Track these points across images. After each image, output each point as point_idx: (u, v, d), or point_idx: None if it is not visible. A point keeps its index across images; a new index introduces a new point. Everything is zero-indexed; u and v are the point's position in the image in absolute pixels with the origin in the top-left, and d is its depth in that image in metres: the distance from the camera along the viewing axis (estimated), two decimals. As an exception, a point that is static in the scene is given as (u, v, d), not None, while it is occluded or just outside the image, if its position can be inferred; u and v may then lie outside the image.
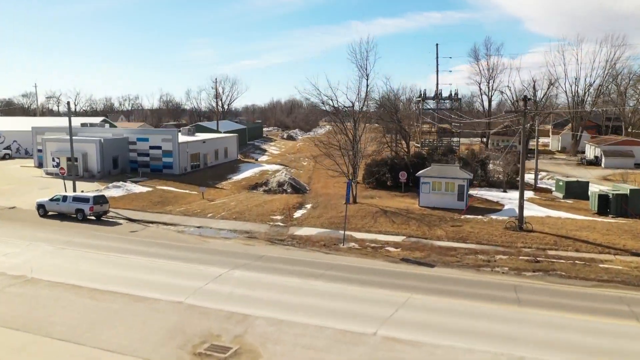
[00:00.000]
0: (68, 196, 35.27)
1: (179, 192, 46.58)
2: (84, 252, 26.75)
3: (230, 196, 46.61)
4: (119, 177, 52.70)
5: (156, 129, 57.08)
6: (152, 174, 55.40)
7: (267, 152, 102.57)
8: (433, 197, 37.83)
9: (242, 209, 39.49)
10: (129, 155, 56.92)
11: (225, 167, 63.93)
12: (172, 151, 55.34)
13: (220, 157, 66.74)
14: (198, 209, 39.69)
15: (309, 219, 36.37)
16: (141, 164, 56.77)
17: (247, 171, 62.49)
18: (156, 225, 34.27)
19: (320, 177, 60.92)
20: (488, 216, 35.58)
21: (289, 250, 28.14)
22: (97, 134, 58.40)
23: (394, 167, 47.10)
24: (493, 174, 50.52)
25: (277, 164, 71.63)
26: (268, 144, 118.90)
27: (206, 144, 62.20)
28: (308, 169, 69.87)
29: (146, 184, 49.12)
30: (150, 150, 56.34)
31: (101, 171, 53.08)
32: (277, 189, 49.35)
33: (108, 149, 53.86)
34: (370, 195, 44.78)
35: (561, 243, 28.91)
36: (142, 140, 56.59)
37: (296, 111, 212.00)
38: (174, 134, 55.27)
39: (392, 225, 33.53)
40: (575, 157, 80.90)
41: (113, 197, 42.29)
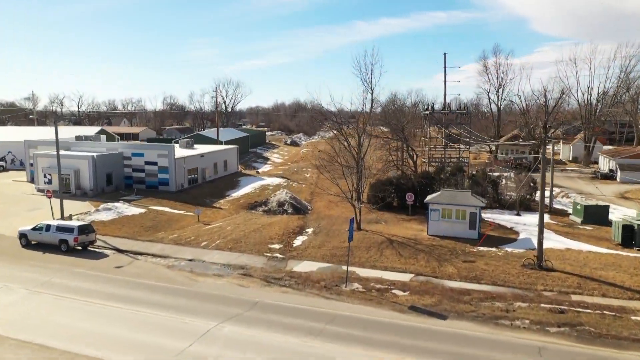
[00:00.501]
0: (51, 225, 32.98)
1: (173, 214, 44.21)
2: (62, 297, 24.39)
3: (228, 218, 44.22)
4: (113, 195, 50.49)
5: (152, 144, 54.74)
6: (148, 190, 53.12)
7: (269, 160, 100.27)
8: (443, 225, 35.27)
9: (238, 236, 37.08)
10: (123, 171, 54.64)
11: (224, 182, 61.56)
12: (168, 167, 53.02)
13: (220, 171, 64.38)
14: (192, 235, 37.31)
15: (309, 249, 33.89)
16: (136, 180, 54.52)
17: (247, 186, 60.07)
18: (145, 258, 31.90)
19: (323, 192, 58.44)
20: (503, 248, 32.96)
21: (286, 294, 25.65)
22: (91, 149, 56.18)
23: (400, 187, 44.55)
24: (505, 193, 47.80)
25: (279, 177, 69.18)
26: (271, 151, 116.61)
27: (205, 157, 59.86)
28: (310, 182, 67.35)
29: (140, 204, 46.82)
30: (145, 166, 54.05)
31: (94, 188, 50.83)
32: (277, 209, 46.92)
33: (101, 165, 51.61)
34: (375, 218, 42.23)
35: (586, 286, 26.27)
36: (137, 156, 54.31)
37: (300, 115, 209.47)
38: (170, 150, 52.94)
39: (399, 259, 30.99)
40: (589, 169, 77.95)
41: (103, 221, 40.03)
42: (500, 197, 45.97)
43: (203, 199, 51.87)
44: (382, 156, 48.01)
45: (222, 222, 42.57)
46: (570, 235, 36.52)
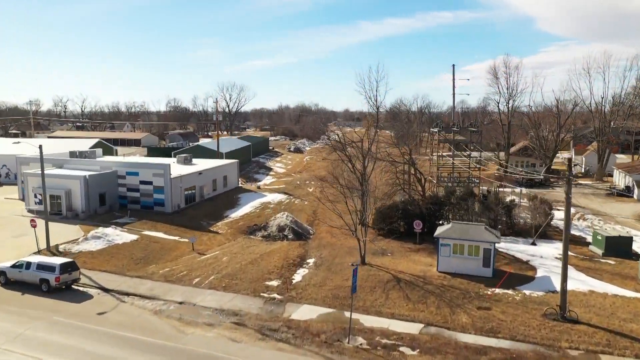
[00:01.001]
0: (32, 263, 30.64)
1: (167, 241, 41.79)
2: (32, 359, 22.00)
3: (224, 246, 41.76)
4: (105, 217, 48.21)
5: (147, 163, 52.41)
6: (142, 211, 50.80)
7: (271, 170, 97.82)
8: (454, 261, 32.63)
9: (234, 270, 34.61)
10: (117, 190, 52.35)
11: (223, 200, 59.12)
12: (164, 187, 50.67)
13: (219, 187, 61.98)
14: (184, 269, 34.87)
15: (309, 288, 31.37)
16: (131, 199, 52.22)
17: (247, 205, 57.60)
18: (132, 300, 29.47)
19: (325, 210, 55.91)
20: (520, 290, 30.25)
21: (282, 353, 23.12)
22: (84, 167, 53.95)
23: (407, 212, 41.94)
24: (518, 216, 45.05)
25: (280, 192, 66.69)
26: (273, 159, 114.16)
27: (203, 175, 57.47)
28: (313, 198, 64.76)
29: (133, 228, 44.48)
30: (140, 186, 51.73)
31: (86, 210, 48.58)
32: (277, 235, 44.43)
33: (94, 186, 49.35)
34: (381, 248, 39.60)
35: (616, 344, 23.57)
36: (132, 175, 51.98)
37: (304, 120, 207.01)
38: (165, 169, 50.56)
39: (407, 303, 28.39)
40: (603, 185, 74.92)
41: (91, 251, 37.69)
42: (514, 223, 43.21)
43: (199, 221, 49.48)
44: (389, 179, 45.38)
45: (218, 250, 40.11)
46: (592, 272, 33.75)
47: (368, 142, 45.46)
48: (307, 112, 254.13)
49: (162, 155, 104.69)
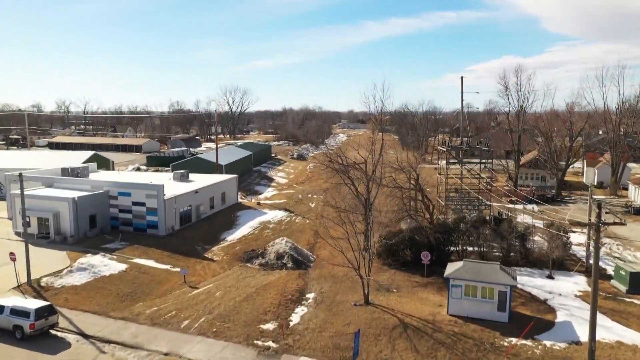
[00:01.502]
0: (5, 307, 28.15)
1: (157, 272, 39.21)
2: None
3: (219, 276, 39.14)
4: (95, 241, 45.82)
5: (139, 183, 49.85)
6: (135, 234, 48.34)
7: (273, 181, 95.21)
8: (466, 304, 29.86)
9: (227, 309, 32.03)
10: (109, 211, 49.89)
11: (220, 219, 56.49)
12: (157, 209, 48.14)
13: (217, 204, 59.41)
14: (173, 308, 32.30)
15: (308, 333, 28.71)
16: (123, 221, 49.75)
17: (246, 225, 54.95)
18: (112, 351, 26.90)
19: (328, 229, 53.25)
20: (539, 341, 27.42)
21: None
22: (75, 186, 51.57)
23: (414, 241, 39.18)
24: (533, 243, 42.12)
25: (281, 209, 64.05)
26: (276, 168, 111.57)
27: (200, 193, 54.89)
28: (316, 216, 62.09)
29: (122, 255, 41.99)
30: (133, 207, 49.24)
31: (75, 234, 46.16)
32: (275, 263, 41.79)
33: (84, 207, 46.92)
34: (386, 281, 36.82)
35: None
36: (124, 195, 49.51)
37: (307, 125, 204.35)
38: (159, 190, 48.02)
39: (415, 357, 25.66)
40: (618, 200, 71.74)
41: (75, 286, 35.20)
42: (529, 252, 40.33)
43: (194, 245, 46.91)
44: (394, 203, 42.64)
45: (212, 283, 37.50)
46: (617, 316, 30.84)
47: (372, 164, 42.86)
48: (311, 115, 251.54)
49: (162, 164, 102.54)
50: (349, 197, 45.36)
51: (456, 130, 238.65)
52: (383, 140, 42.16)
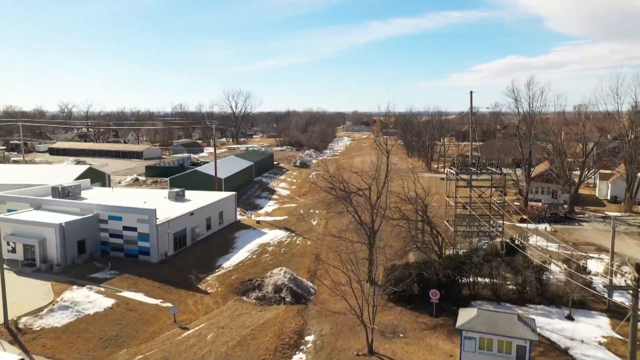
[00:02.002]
0: (-28, 363, 25.62)
1: (146, 308, 36.58)
2: None
3: (211, 314, 36.49)
4: (83, 270, 43.33)
5: (130, 207, 47.26)
6: (125, 261, 45.81)
7: (275, 193, 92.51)
8: (480, 358, 27.02)
9: (218, 357, 29.36)
10: (99, 235, 47.38)
11: (217, 242, 53.84)
12: (149, 235, 45.55)
13: (214, 225, 56.77)
14: (160, 356, 29.71)
15: (306, 391, 25.99)
16: (113, 246, 47.23)
17: (243, 249, 52.28)
18: (88, 415, 24.28)
19: (330, 252, 50.58)
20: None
21: None
22: (64, 208, 49.11)
23: (422, 277, 36.36)
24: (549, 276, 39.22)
25: (282, 228, 61.40)
26: (278, 178, 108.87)
27: (195, 215, 52.27)
28: (317, 236, 59.39)
29: (110, 287, 39.43)
30: (124, 232, 46.69)
31: (62, 261, 43.68)
32: (272, 297, 39.10)
33: (72, 234, 44.42)
34: (391, 323, 34.06)
35: None
36: (115, 219, 46.96)
37: (311, 129, 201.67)
38: (151, 215, 45.42)
39: None
40: (634, 217, 68.57)
41: (54, 328, 32.65)
42: (545, 289, 37.42)
43: (188, 274, 44.28)
44: (401, 232, 39.83)
45: (204, 322, 34.86)
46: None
47: (377, 191, 40.16)
48: (314, 118, 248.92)
49: (161, 174, 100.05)
50: (352, 225, 42.66)
51: (462, 135, 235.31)
52: (389, 166, 39.29)
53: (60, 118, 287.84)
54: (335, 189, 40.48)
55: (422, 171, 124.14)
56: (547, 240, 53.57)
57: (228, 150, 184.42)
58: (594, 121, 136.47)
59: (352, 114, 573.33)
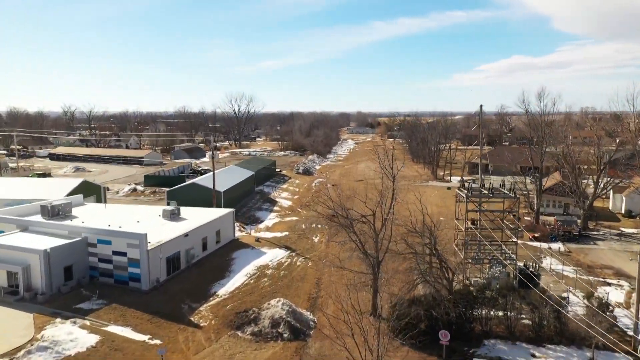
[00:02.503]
0: None
1: (132, 347, 33.94)
2: None
3: (203, 354, 33.82)
4: (69, 299, 40.80)
5: (120, 231, 44.72)
6: (115, 288, 43.30)
7: (276, 204, 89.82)
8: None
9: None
10: (88, 260, 44.86)
11: (213, 264, 51.20)
12: (140, 260, 42.96)
13: (210, 245, 54.16)
14: (143, 409, 27.03)
15: None
16: (103, 271, 44.70)
17: (240, 272, 49.62)
18: None
19: (331, 276, 47.90)
20: None
21: None
22: (51, 230, 46.67)
23: (431, 315, 33.55)
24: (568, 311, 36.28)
25: (282, 247, 58.74)
26: (280, 187, 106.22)
27: (190, 236, 49.66)
28: (319, 255, 56.69)
29: (97, 320, 36.87)
30: (113, 257, 44.14)
31: (47, 290, 41.17)
32: (269, 332, 36.42)
33: (58, 260, 41.92)
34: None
35: None
36: (104, 243, 44.42)
37: (314, 133, 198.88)
38: (141, 240, 42.81)
39: None
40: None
41: (31, 374, 30.04)
42: (564, 327, 34.50)
43: (180, 304, 41.64)
44: (409, 264, 37.05)
45: (194, 364, 32.22)
46: None
47: (382, 217, 37.40)
48: (318, 122, 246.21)
49: (159, 184, 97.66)
50: (355, 251, 39.88)
51: (468, 138, 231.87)
52: (395, 192, 36.50)
53: (63, 120, 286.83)
54: (337, 215, 37.69)
55: (428, 179, 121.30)
56: (562, 263, 50.65)
57: (230, 155, 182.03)
58: (603, 124, 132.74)
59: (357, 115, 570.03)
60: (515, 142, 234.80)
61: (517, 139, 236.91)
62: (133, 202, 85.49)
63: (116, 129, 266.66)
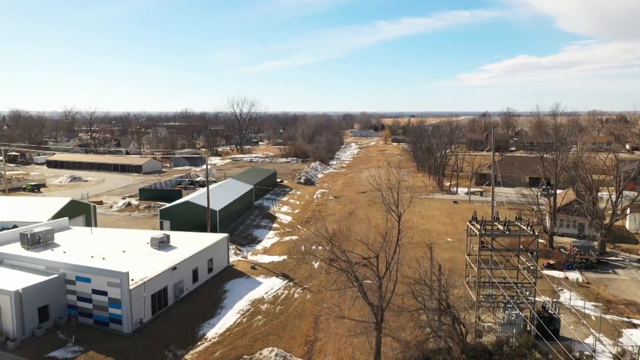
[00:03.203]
0: None
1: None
2: None
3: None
4: (43, 344, 37.25)
5: (99, 268, 41.07)
6: (94, 330, 39.67)
7: (276, 220, 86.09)
8: None
9: None
10: (66, 299, 41.26)
11: (204, 300, 47.43)
12: (121, 301, 39.31)
13: (202, 275, 50.51)
14: None
15: None
16: (82, 311, 41.06)
17: (233, 308, 45.92)
18: None
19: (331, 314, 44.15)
20: None
21: None
22: (27, 265, 43.10)
23: (441, 376, 29.74)
24: None
25: (279, 275, 55.08)
26: (280, 200, 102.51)
27: (179, 269, 45.99)
28: (318, 285, 52.95)
29: (70, 374, 33.28)
30: (93, 296, 40.51)
31: (19, 334, 37.56)
32: (260, 389, 32.72)
33: (32, 301, 38.32)
34: None
35: None
36: (83, 281, 40.84)
37: (317, 140, 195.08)
38: (122, 279, 39.13)
39: None
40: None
41: None
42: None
43: (165, 350, 37.96)
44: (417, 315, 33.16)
45: None
46: None
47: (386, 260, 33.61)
48: (321, 126, 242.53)
49: (154, 197, 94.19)
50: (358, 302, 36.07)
51: (474, 143, 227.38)
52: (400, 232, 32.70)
53: (65, 123, 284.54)
54: (337, 259, 33.90)
55: (434, 191, 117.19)
56: (582, 298, 46.79)
57: (232, 162, 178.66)
58: (610, 126, 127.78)
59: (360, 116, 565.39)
60: (522, 147, 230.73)
61: (525, 145, 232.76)
62: (126, 219, 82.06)
63: (118, 132, 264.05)
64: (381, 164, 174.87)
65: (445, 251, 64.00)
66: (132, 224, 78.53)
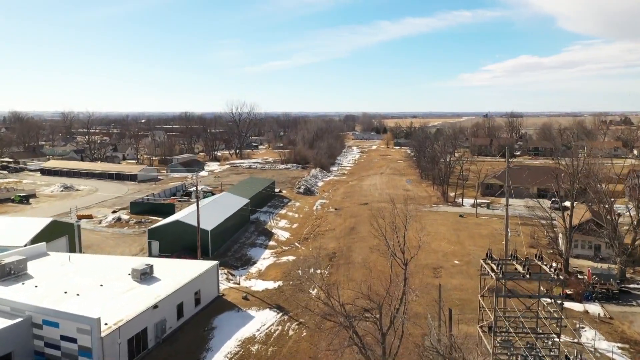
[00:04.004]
0: None
1: None
2: None
3: None
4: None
5: (68, 313, 36.70)
6: (63, 382, 35.40)
7: (272, 237, 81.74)
8: None
9: None
10: (32, 344, 37.03)
11: (188, 340, 43.09)
12: (92, 350, 35.01)
13: (188, 310, 46.23)
14: None
15: None
16: (50, 359, 36.79)
17: (220, 351, 41.36)
18: None
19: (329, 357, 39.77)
20: None
21: None
22: (-9, 304, 38.82)
23: None
24: None
25: (273, 307, 50.72)
26: (278, 213, 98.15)
27: (161, 307, 41.65)
28: (315, 321, 48.52)
29: None
30: (62, 342, 36.25)
31: (-24, 389, 33.32)
32: None
33: (-9, 349, 34.08)
34: None
35: None
36: (51, 325, 36.57)
37: (318, 145, 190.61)
38: (93, 325, 34.81)
39: None
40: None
41: None
42: None
43: (140, 407, 33.66)
44: None
45: None
46: None
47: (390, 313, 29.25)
48: (322, 130, 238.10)
49: (146, 211, 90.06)
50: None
51: (477, 149, 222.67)
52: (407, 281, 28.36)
53: (63, 126, 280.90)
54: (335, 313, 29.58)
55: (438, 202, 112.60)
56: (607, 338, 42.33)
57: (230, 168, 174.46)
58: (615, 128, 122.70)
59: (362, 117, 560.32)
60: (527, 152, 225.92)
61: (530, 150, 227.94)
62: (115, 236, 77.89)
63: (116, 136, 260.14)
64: (383, 171, 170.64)
65: (453, 277, 59.65)
66: (120, 242, 74.34)
